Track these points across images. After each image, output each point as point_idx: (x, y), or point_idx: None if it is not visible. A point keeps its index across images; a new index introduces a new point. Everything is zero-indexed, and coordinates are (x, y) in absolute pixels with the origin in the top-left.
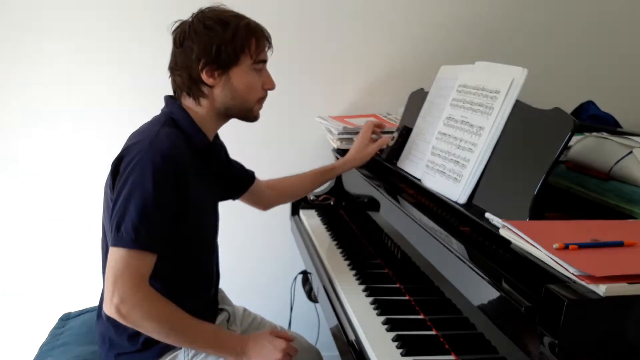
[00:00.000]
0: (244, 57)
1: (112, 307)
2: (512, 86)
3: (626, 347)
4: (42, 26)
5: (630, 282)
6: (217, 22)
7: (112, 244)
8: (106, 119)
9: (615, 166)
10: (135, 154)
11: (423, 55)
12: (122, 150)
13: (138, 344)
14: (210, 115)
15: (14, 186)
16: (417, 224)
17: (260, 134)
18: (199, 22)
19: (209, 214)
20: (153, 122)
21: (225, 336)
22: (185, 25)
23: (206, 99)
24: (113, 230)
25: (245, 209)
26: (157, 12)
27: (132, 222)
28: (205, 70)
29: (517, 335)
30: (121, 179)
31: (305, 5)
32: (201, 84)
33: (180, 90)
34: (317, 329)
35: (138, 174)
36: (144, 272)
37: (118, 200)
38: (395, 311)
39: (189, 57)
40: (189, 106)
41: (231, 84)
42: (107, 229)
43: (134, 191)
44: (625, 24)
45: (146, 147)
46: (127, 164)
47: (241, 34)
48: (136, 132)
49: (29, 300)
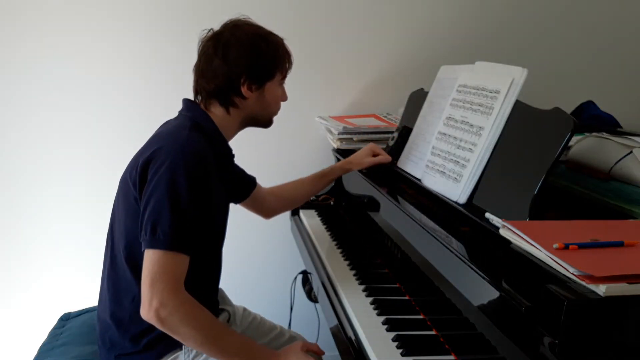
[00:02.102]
0: (277, 73)
1: (151, 311)
2: (512, 86)
3: (626, 347)
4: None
5: (630, 282)
6: (260, 39)
7: (148, 246)
8: (107, 120)
9: (615, 166)
10: (165, 157)
11: (423, 55)
12: (149, 153)
13: (140, 345)
14: (235, 124)
15: (14, 186)
16: (417, 224)
17: (261, 134)
18: (244, 36)
19: (223, 216)
20: (179, 126)
21: (256, 349)
22: (225, 36)
23: (236, 108)
24: (148, 232)
25: (246, 209)
26: (165, 14)
27: (169, 224)
28: (247, 84)
29: (517, 335)
30: (152, 182)
31: (306, 5)
32: (235, 95)
33: (209, 97)
34: (317, 329)
35: (171, 176)
36: (180, 275)
37: (150, 202)
38: (395, 311)
39: (232, 69)
40: (213, 112)
41: (264, 97)
42: (120, 229)
43: (169, 193)
44: (626, 24)
45: (177, 149)
46: (159, 167)
47: (280, 52)
48: (161, 134)
49: (29, 300)
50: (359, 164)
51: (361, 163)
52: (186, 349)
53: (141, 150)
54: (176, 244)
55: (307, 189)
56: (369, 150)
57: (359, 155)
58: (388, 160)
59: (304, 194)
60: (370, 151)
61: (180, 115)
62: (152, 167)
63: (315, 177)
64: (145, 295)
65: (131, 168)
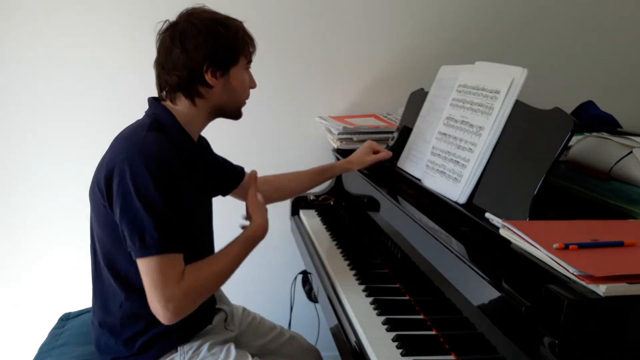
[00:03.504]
0: (241, 57)
1: (167, 313)
2: (512, 86)
3: (626, 347)
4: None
5: (630, 282)
6: (218, 24)
7: (140, 255)
8: (108, 119)
9: (615, 166)
10: (124, 167)
11: (423, 55)
12: (109, 165)
13: (135, 348)
14: (202, 115)
15: (14, 185)
16: (417, 224)
17: (261, 134)
18: (200, 23)
19: (201, 214)
20: (137, 127)
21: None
22: (181, 26)
23: (202, 98)
24: (137, 242)
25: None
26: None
27: (154, 228)
28: (210, 71)
29: (517, 335)
30: (119, 193)
31: (305, 5)
32: (200, 85)
33: (174, 91)
34: (317, 329)
35: (137, 184)
36: (179, 272)
37: (125, 214)
38: (395, 311)
39: (192, 58)
40: (176, 107)
41: (230, 83)
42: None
43: (140, 200)
44: (626, 24)
45: (135, 154)
46: (121, 178)
47: (241, 34)
48: (120, 138)
49: (29, 300)
50: (360, 162)
51: (362, 162)
52: (182, 350)
53: (103, 157)
54: (167, 245)
55: (304, 183)
56: (368, 148)
57: (358, 154)
58: (389, 156)
59: (301, 188)
60: (369, 149)
61: (144, 115)
62: (114, 180)
63: (314, 172)
64: (154, 302)
65: (96, 176)
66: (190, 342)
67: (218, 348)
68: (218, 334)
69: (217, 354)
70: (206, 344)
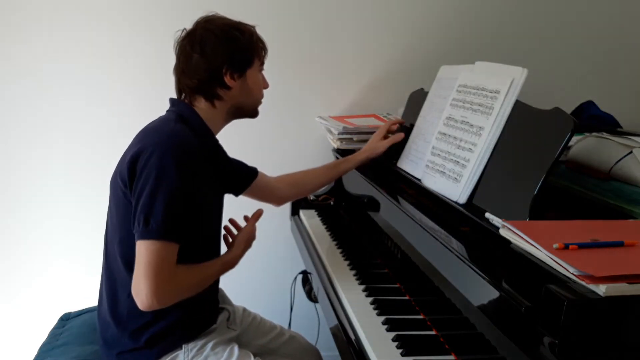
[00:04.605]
0: (255, 59)
1: (149, 299)
2: (512, 86)
3: (626, 347)
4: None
5: (630, 282)
6: (233, 29)
7: (141, 237)
8: (109, 119)
9: (615, 166)
10: (152, 149)
11: (423, 55)
12: (136, 148)
13: (140, 341)
14: (221, 116)
15: (15, 185)
16: (417, 224)
17: (261, 134)
18: (217, 29)
19: (217, 208)
20: (164, 120)
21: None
22: (199, 33)
23: (221, 100)
24: (141, 223)
25: (246, 209)
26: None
27: (162, 214)
28: (229, 73)
29: (517, 335)
30: (142, 176)
31: (305, 5)
32: (219, 87)
33: (193, 93)
34: (317, 329)
35: (161, 168)
36: (172, 263)
37: (142, 195)
38: (395, 311)
39: (212, 62)
40: (199, 107)
41: (247, 84)
42: (113, 227)
43: (160, 184)
44: (626, 24)
45: (164, 141)
46: (147, 159)
47: (254, 38)
48: (147, 130)
49: (29, 300)
50: (373, 149)
51: (376, 147)
52: (186, 348)
53: (129, 148)
54: (168, 233)
55: (321, 177)
56: (378, 135)
57: (371, 143)
58: (401, 137)
59: (318, 182)
60: (379, 135)
61: (166, 112)
62: (140, 161)
63: (328, 166)
64: (139, 284)
65: (120, 165)
66: (194, 340)
67: (221, 347)
68: (221, 333)
69: (220, 353)
70: (210, 343)
